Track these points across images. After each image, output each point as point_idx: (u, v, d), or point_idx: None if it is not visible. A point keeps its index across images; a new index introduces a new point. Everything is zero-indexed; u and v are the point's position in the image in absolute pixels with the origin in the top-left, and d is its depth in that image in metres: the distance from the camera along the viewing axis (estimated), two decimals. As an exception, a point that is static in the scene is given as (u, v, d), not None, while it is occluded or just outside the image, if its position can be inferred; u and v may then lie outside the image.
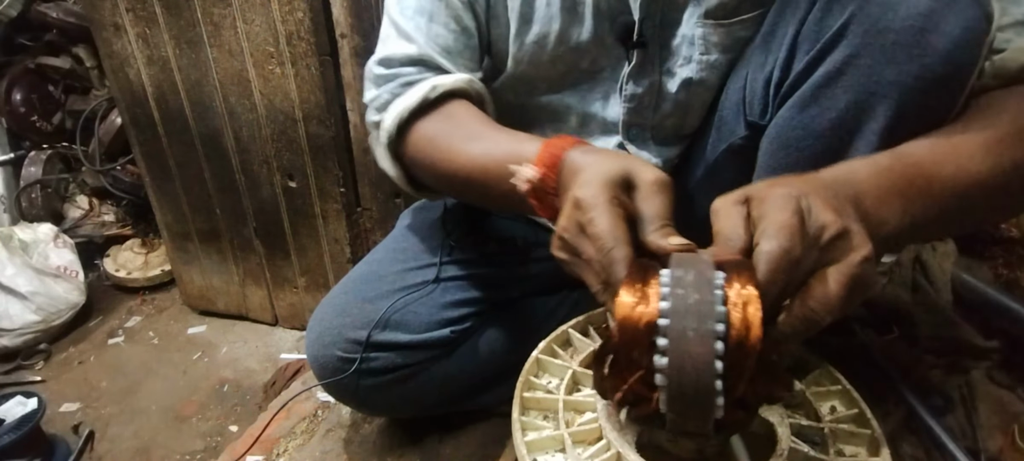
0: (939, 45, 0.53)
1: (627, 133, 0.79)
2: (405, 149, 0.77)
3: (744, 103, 0.70)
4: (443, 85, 0.74)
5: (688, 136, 0.81)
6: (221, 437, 1.35)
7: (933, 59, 0.53)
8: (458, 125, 0.73)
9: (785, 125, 0.63)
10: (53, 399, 1.47)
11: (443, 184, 0.77)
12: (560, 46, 0.76)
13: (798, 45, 0.62)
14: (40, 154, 2.00)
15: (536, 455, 0.53)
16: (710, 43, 0.71)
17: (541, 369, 0.62)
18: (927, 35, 0.53)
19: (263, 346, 1.62)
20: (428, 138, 0.74)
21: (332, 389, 0.87)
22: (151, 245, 1.96)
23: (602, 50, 0.76)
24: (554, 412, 0.56)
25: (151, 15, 1.32)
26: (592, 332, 0.66)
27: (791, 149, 0.63)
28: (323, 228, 1.44)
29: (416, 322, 0.84)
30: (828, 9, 0.59)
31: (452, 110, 0.75)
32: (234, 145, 1.42)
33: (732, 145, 0.73)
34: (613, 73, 0.77)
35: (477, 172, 0.67)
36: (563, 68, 0.78)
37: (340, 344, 0.82)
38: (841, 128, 0.59)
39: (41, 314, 1.63)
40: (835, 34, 0.58)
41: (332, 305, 0.86)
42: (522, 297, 0.95)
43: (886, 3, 0.55)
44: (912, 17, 0.53)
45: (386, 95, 0.77)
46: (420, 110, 0.74)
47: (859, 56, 0.56)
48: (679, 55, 0.73)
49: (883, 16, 0.55)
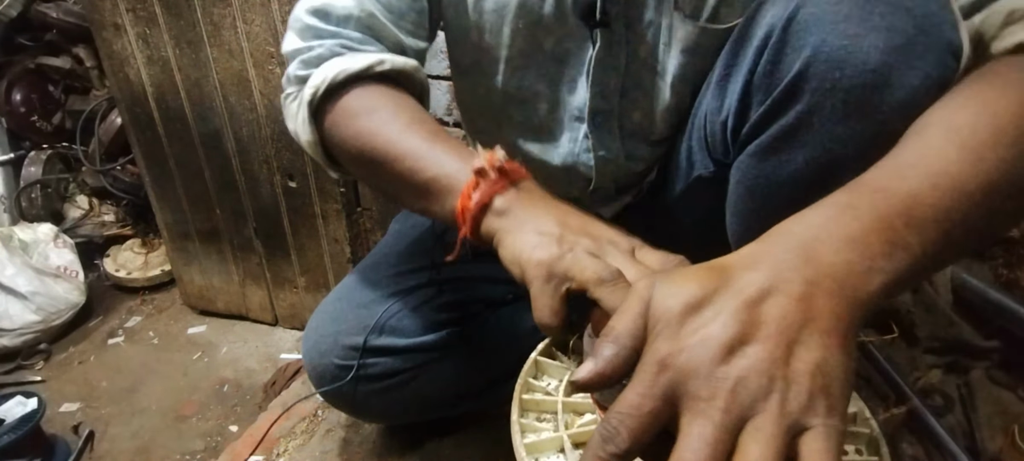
0: (894, 100, 0.49)
1: (593, 120, 0.77)
2: (328, 113, 0.69)
3: (706, 142, 0.69)
4: (392, 63, 0.69)
5: (656, 143, 0.79)
6: (221, 437, 1.35)
7: (889, 114, 0.49)
8: (400, 108, 0.67)
9: (747, 172, 0.62)
10: (53, 399, 1.47)
11: (359, 163, 0.68)
12: (520, 18, 0.72)
13: (752, 94, 0.59)
14: (40, 154, 2.00)
15: (535, 457, 0.53)
16: (675, 36, 0.69)
17: (540, 371, 0.62)
18: (880, 92, 0.49)
19: (263, 346, 1.62)
20: (365, 109, 0.66)
21: (330, 397, 0.86)
22: (151, 245, 1.96)
23: (565, 30, 0.73)
24: (553, 414, 0.56)
25: (151, 15, 1.32)
26: (592, 333, 0.66)
27: (755, 194, 0.61)
28: (323, 228, 1.44)
29: (412, 326, 0.83)
30: (777, 61, 0.55)
31: (395, 93, 0.69)
32: (234, 145, 1.42)
33: (702, 176, 0.72)
34: (580, 58, 0.75)
35: (407, 158, 0.61)
36: (524, 45, 0.74)
37: (337, 351, 0.81)
38: (804, 181, 0.57)
39: (41, 314, 1.63)
40: (787, 89, 0.54)
41: (327, 313, 0.85)
42: (516, 298, 0.95)
43: (834, 59, 0.50)
44: (861, 74, 0.49)
45: (322, 50, 0.69)
46: (359, 77, 0.67)
47: (813, 114, 0.53)
48: (645, 40, 0.71)
49: (831, 74, 0.50)
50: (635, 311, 0.37)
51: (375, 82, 0.68)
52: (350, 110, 0.67)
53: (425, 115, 0.68)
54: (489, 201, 0.54)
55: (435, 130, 0.64)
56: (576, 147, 0.79)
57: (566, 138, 0.80)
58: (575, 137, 0.79)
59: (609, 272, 0.47)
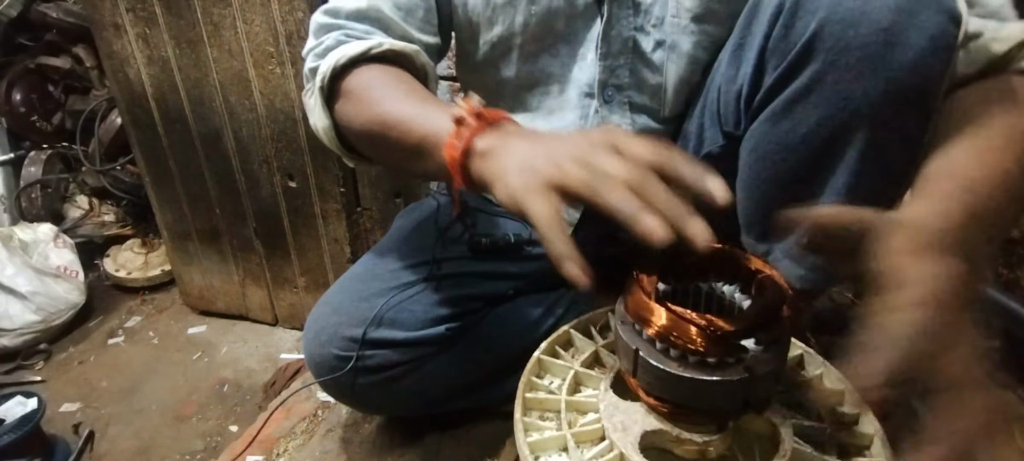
0: (904, 58, 0.52)
1: (603, 93, 0.79)
2: (337, 98, 0.73)
3: (718, 115, 0.71)
4: (389, 45, 0.72)
5: (665, 120, 0.81)
6: (221, 437, 1.35)
7: (900, 72, 0.53)
8: (398, 81, 0.69)
9: (760, 139, 0.64)
10: (53, 399, 1.47)
11: (365, 138, 0.72)
12: (532, 3, 0.75)
13: (766, 61, 0.62)
14: (40, 154, 2.00)
15: (539, 455, 0.53)
16: (682, 6, 0.71)
17: (543, 369, 0.62)
18: (891, 49, 0.52)
19: (263, 346, 1.62)
20: (364, 86, 0.70)
21: (329, 387, 0.87)
22: (151, 245, 1.96)
23: (574, 10, 0.75)
24: (556, 412, 0.56)
25: (151, 15, 1.32)
26: (594, 332, 0.66)
27: (767, 161, 0.64)
28: (323, 228, 1.44)
29: (411, 319, 0.84)
30: (791, 24, 0.58)
31: (393, 70, 0.72)
32: (234, 145, 1.42)
33: (711, 153, 0.74)
34: (588, 34, 0.77)
35: (401, 123, 0.63)
36: (537, 30, 0.77)
37: (336, 342, 0.82)
38: (816, 142, 0.60)
39: (41, 314, 1.63)
40: (801, 51, 0.57)
41: (328, 304, 0.86)
42: (517, 294, 0.96)
43: (847, 20, 0.54)
44: (874, 33, 0.53)
45: (330, 42, 0.74)
46: (360, 59, 0.71)
47: (826, 74, 0.56)
48: (652, 14, 0.73)
49: (845, 33, 0.54)
50: None
51: (374, 62, 0.71)
52: (350, 91, 0.71)
53: (418, 87, 0.70)
54: (470, 146, 0.53)
55: (426, 96, 0.66)
56: (587, 124, 0.81)
57: (577, 115, 0.82)
58: (586, 114, 0.81)
59: (598, 174, 0.45)
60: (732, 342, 0.46)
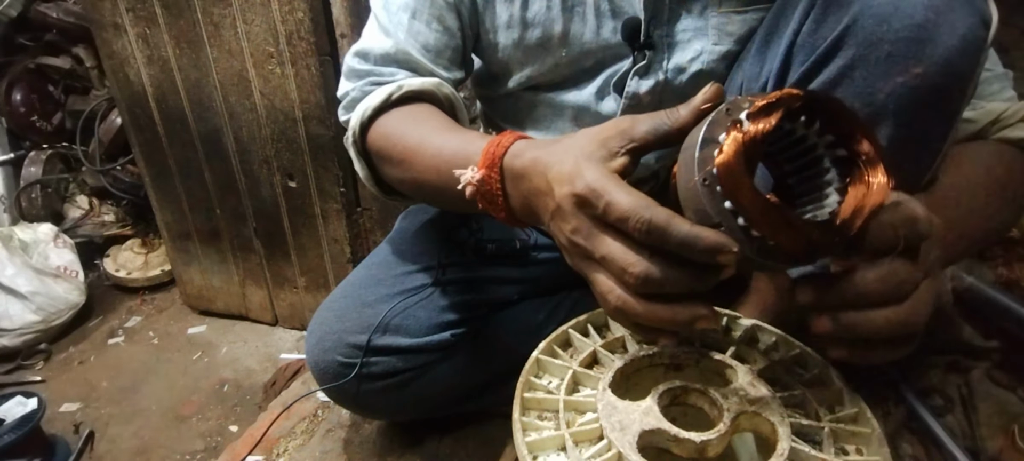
0: (936, 55, 0.52)
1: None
2: (368, 147, 0.77)
3: None
4: (409, 86, 0.74)
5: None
6: (221, 437, 1.35)
7: (930, 69, 0.53)
8: (416, 124, 0.71)
9: None
10: (53, 399, 1.47)
11: (401, 185, 0.76)
12: (563, 48, 0.75)
13: (793, 55, 0.62)
14: (40, 154, 2.00)
15: (537, 455, 0.53)
16: (724, 32, 0.71)
17: (541, 369, 0.62)
18: (923, 46, 0.52)
19: (263, 346, 1.62)
20: (385, 136, 0.73)
21: (333, 394, 0.87)
22: (151, 245, 1.96)
23: (607, 51, 0.76)
24: (555, 412, 0.56)
25: (151, 15, 1.33)
26: (592, 332, 0.66)
27: None
28: (323, 228, 1.44)
29: (416, 326, 0.83)
30: (822, 20, 0.58)
31: (414, 110, 0.74)
32: (234, 145, 1.42)
33: None
34: (612, 67, 0.77)
35: (430, 173, 0.65)
36: (568, 71, 0.78)
37: (340, 349, 0.81)
38: None
39: (41, 314, 1.63)
40: (831, 45, 0.57)
41: (331, 310, 0.85)
42: (521, 299, 0.95)
43: (880, 15, 0.54)
44: (907, 28, 0.52)
45: (355, 93, 0.78)
46: (383, 108, 0.74)
47: (855, 68, 0.56)
48: (688, 49, 0.72)
49: (878, 28, 0.54)
50: None
51: (397, 106, 0.74)
52: (377, 144, 0.75)
53: (435, 115, 0.73)
54: (504, 198, 0.55)
55: (443, 143, 0.66)
56: None
57: None
58: None
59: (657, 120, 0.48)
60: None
